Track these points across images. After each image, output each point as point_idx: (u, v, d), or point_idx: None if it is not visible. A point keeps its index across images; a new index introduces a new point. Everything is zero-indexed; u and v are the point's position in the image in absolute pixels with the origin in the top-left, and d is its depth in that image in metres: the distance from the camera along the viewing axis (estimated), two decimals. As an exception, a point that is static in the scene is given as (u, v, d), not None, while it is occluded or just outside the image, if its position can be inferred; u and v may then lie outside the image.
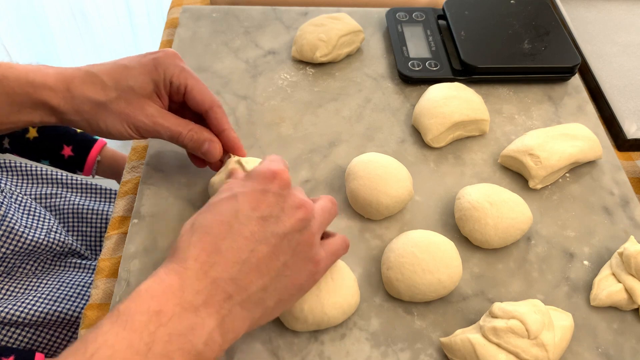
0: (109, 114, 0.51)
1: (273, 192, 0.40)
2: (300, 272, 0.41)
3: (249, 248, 0.38)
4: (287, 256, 0.40)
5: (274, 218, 0.40)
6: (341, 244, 0.46)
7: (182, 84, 0.52)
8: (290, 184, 0.42)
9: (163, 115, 0.53)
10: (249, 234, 0.39)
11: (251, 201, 0.40)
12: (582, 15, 0.83)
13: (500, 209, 0.53)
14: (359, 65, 0.73)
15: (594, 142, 0.61)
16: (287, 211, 0.40)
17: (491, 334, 0.45)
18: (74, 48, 1.68)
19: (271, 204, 0.40)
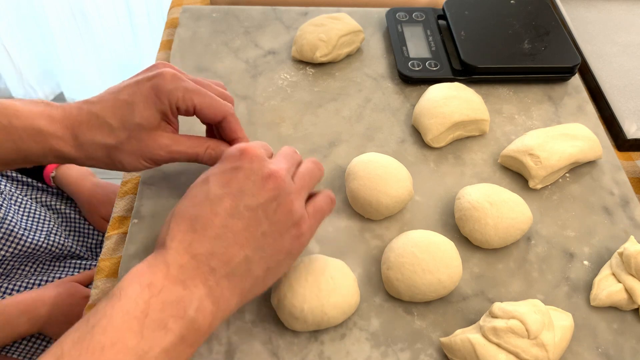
0: (123, 154, 0.51)
1: (242, 167, 0.42)
2: (283, 239, 0.42)
3: (222, 224, 0.40)
4: (264, 226, 0.41)
5: (245, 192, 0.41)
6: (324, 200, 0.47)
7: (189, 105, 0.51)
8: (260, 157, 0.43)
9: (177, 141, 0.52)
10: (221, 210, 0.40)
11: (221, 180, 0.42)
12: (582, 15, 0.83)
13: (500, 209, 0.53)
14: (359, 65, 0.73)
15: (594, 142, 0.61)
16: (257, 183, 0.42)
17: (491, 334, 0.45)
18: (74, 48, 1.68)
19: (240, 179, 0.41)
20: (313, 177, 0.46)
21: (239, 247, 0.40)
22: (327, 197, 0.47)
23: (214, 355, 0.47)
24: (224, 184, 0.41)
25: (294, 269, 0.48)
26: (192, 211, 0.41)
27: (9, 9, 1.58)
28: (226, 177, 0.42)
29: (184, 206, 0.42)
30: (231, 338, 0.48)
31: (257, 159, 0.43)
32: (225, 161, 0.43)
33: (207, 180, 0.42)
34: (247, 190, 0.41)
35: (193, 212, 0.41)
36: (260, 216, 0.41)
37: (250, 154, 0.43)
